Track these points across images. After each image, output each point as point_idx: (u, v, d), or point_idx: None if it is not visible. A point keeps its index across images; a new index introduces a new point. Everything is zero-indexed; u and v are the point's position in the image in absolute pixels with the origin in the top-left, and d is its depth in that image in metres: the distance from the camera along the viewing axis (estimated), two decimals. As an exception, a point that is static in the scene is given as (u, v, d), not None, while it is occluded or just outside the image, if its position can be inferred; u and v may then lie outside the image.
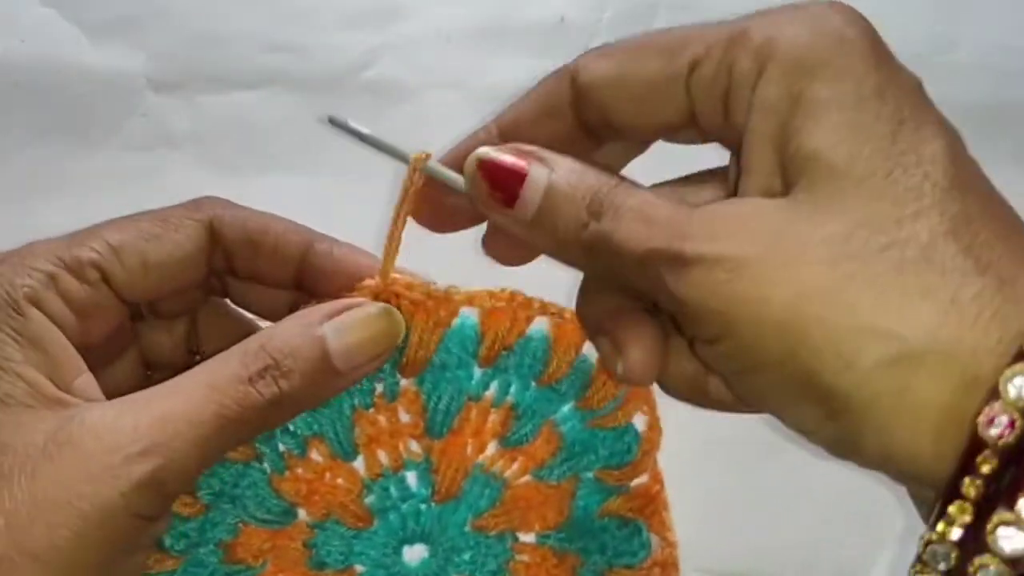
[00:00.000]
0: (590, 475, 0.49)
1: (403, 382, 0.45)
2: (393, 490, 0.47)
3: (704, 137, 0.38)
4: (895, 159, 0.32)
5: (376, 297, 0.42)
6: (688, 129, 0.37)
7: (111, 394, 0.39)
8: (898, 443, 0.30)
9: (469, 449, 0.47)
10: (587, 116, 0.38)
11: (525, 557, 0.49)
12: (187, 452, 0.37)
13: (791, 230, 0.32)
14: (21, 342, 0.38)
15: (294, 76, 0.72)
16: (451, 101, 0.73)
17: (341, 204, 0.72)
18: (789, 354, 0.31)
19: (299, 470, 0.46)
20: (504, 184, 0.37)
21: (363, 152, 0.75)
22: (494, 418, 0.47)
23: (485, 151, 0.38)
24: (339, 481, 0.46)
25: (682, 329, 0.36)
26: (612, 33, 0.74)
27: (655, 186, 0.38)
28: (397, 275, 0.42)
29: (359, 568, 0.48)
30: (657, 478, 0.50)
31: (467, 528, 0.48)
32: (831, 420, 0.31)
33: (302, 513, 0.46)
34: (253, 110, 0.70)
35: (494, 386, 0.46)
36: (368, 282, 0.42)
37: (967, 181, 0.33)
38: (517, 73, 0.74)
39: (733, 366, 0.34)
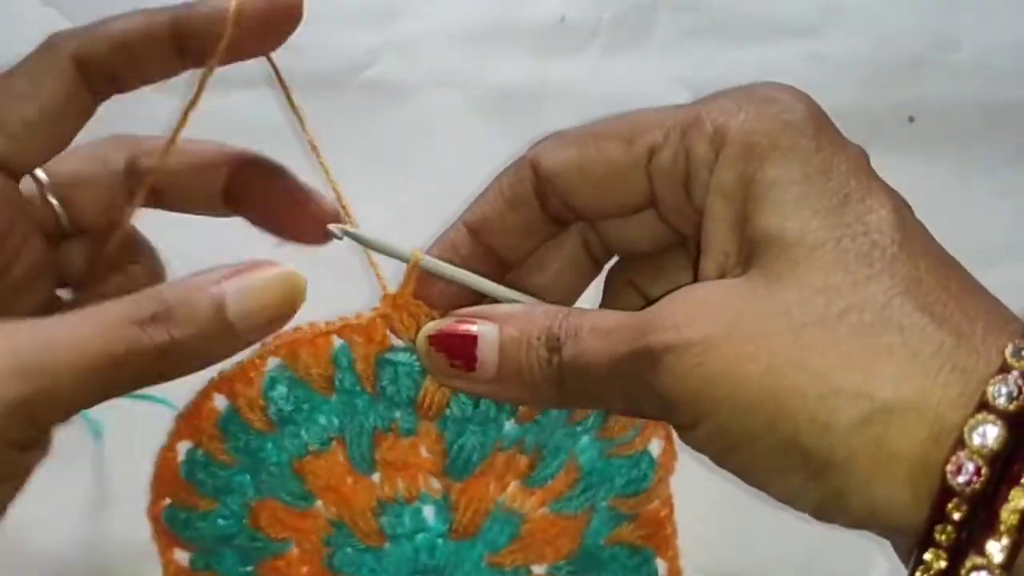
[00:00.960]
0: (605, 504, 0.49)
1: (420, 421, 0.44)
2: (407, 519, 0.47)
3: (664, 220, 0.40)
4: (842, 229, 0.34)
5: (397, 317, 0.42)
6: (648, 212, 0.40)
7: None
8: (879, 496, 0.32)
9: (491, 489, 0.46)
10: (549, 202, 0.40)
11: None
12: (64, 382, 0.35)
13: (750, 306, 0.33)
14: None
15: (294, 76, 0.72)
16: (451, 101, 0.73)
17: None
18: (768, 427, 0.33)
19: (320, 462, 0.45)
20: (459, 352, 0.38)
21: (362, 153, 0.75)
22: (521, 461, 0.46)
23: (431, 326, 0.40)
24: (358, 489, 0.46)
25: (667, 421, 0.37)
26: (612, 33, 0.74)
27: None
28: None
29: None
30: (667, 502, 0.50)
31: (483, 564, 0.48)
32: (815, 483, 0.33)
33: (320, 504, 0.46)
34: (253, 110, 0.70)
35: (527, 438, 0.45)
36: (391, 292, 0.42)
37: (915, 244, 0.34)
38: (517, 73, 0.75)
39: (716, 447, 0.35)
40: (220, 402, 0.45)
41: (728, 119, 0.36)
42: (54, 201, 0.43)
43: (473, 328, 0.38)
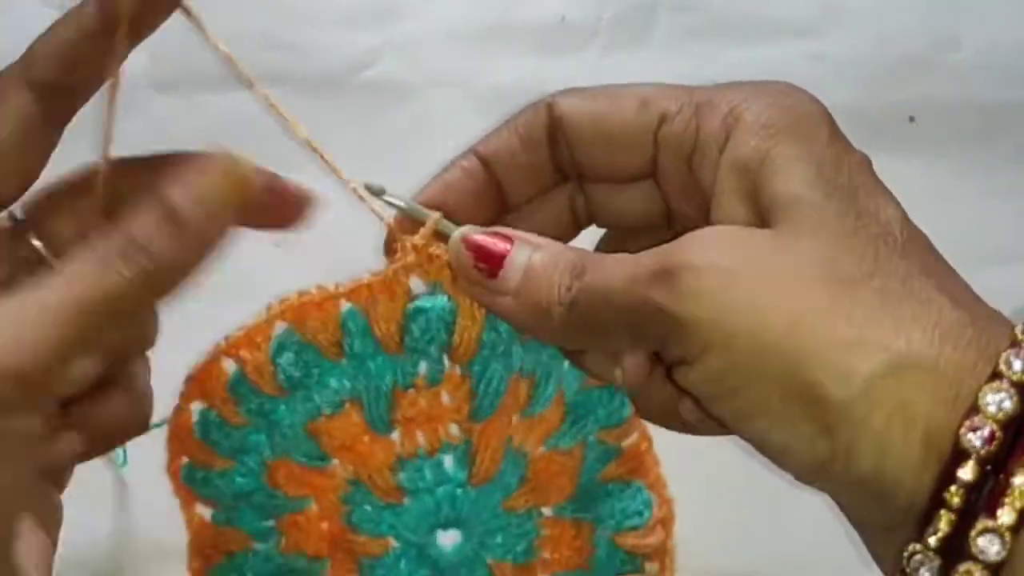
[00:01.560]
0: (593, 438, 0.48)
1: (448, 366, 0.44)
2: (428, 473, 0.46)
3: (661, 190, 0.40)
4: (860, 210, 0.35)
5: (419, 259, 0.42)
6: (647, 182, 0.40)
7: None
8: (890, 454, 0.32)
9: (503, 426, 0.46)
10: (558, 150, 0.40)
11: (548, 531, 0.49)
12: (41, 337, 0.34)
13: (781, 251, 0.34)
14: None
15: (294, 76, 0.72)
16: (452, 100, 0.73)
17: (340, 205, 0.72)
18: (785, 370, 0.32)
19: (335, 423, 0.45)
20: (487, 257, 0.39)
21: (362, 153, 0.75)
22: (522, 388, 0.46)
23: (469, 229, 0.40)
24: (375, 448, 0.46)
25: (666, 353, 0.36)
26: (612, 33, 0.74)
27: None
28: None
29: (392, 542, 0.47)
30: (645, 436, 0.49)
31: (499, 509, 0.48)
32: (824, 436, 0.32)
33: (336, 463, 0.46)
34: (250, 110, 0.70)
35: (528, 360, 0.45)
36: (413, 240, 0.42)
37: (920, 243, 0.35)
38: (518, 72, 0.75)
39: (719, 385, 0.34)
40: (229, 365, 0.45)
41: (744, 102, 0.37)
42: (37, 244, 0.42)
43: (508, 246, 0.39)
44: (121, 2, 0.39)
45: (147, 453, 0.59)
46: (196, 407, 0.45)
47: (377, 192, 0.44)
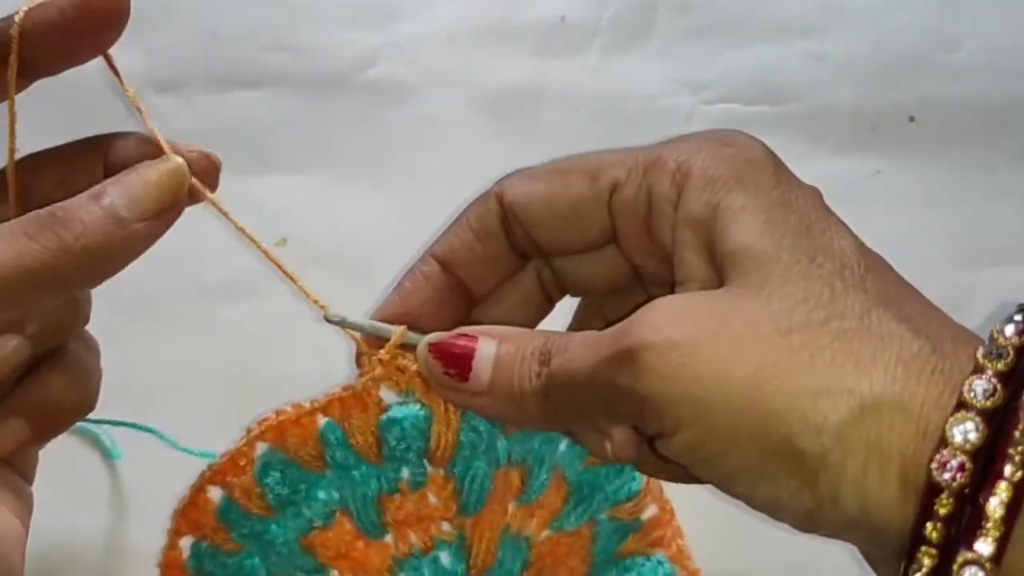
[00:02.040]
0: (604, 516, 0.49)
1: (430, 470, 0.45)
2: (427, 572, 0.47)
3: (624, 255, 0.41)
4: (812, 251, 0.35)
5: (384, 365, 0.43)
6: (609, 247, 0.41)
7: None
8: (871, 495, 0.32)
9: (497, 515, 0.47)
10: (514, 236, 0.41)
11: None
12: None
13: (735, 311, 0.34)
14: None
15: (294, 76, 0.72)
16: (451, 101, 0.73)
17: (341, 204, 0.72)
18: (759, 430, 0.33)
19: (329, 533, 0.46)
20: (455, 362, 0.39)
21: (363, 152, 0.75)
22: (513, 477, 0.46)
23: (433, 336, 0.41)
24: (370, 553, 0.46)
25: (643, 428, 0.37)
26: (612, 33, 0.74)
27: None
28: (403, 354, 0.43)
29: None
30: (666, 507, 0.50)
31: None
32: (807, 488, 0.33)
33: (335, 573, 0.46)
34: (253, 110, 0.70)
35: (515, 451, 0.46)
36: (379, 355, 0.43)
37: (878, 270, 0.36)
38: (518, 73, 0.75)
39: (699, 453, 0.35)
40: (215, 493, 0.45)
41: (690, 157, 0.38)
42: None
43: (473, 344, 0.39)
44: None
45: (144, 455, 0.60)
46: (186, 542, 0.46)
47: (337, 322, 0.43)
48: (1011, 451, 0.31)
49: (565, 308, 0.46)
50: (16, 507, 0.39)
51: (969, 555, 0.31)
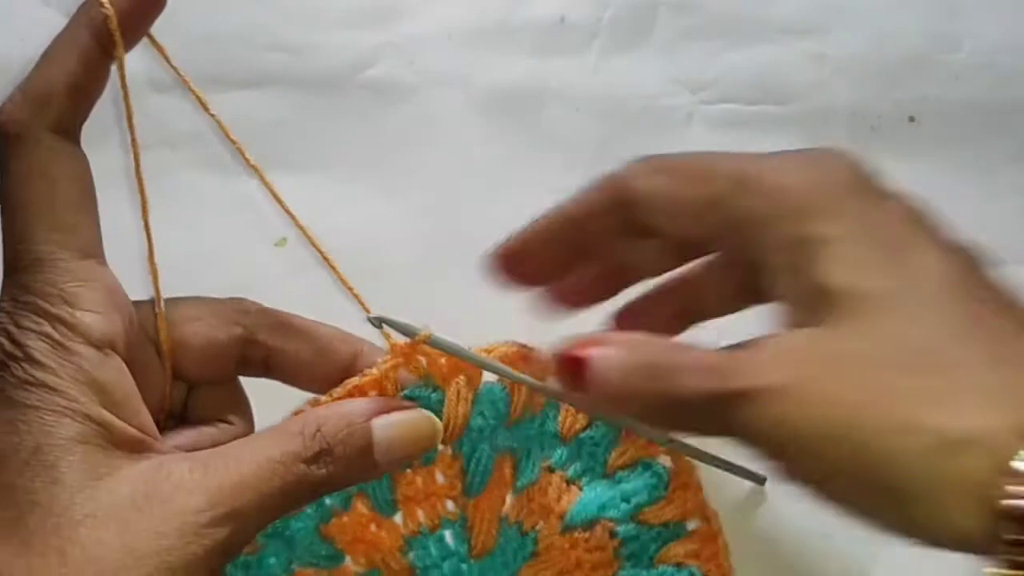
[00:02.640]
0: (630, 522, 0.50)
1: (440, 448, 0.48)
2: (433, 549, 0.49)
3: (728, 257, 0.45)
4: (897, 280, 0.37)
5: (407, 357, 0.46)
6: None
7: None
8: (956, 525, 0.34)
9: (495, 499, 0.49)
10: (631, 220, 0.44)
11: None
12: (255, 519, 0.40)
13: (830, 355, 0.37)
14: (81, 384, 0.39)
15: (294, 76, 0.72)
16: (451, 100, 0.73)
17: (341, 204, 0.72)
18: (855, 461, 0.35)
19: (344, 519, 0.48)
20: (573, 372, 0.41)
21: (363, 152, 0.75)
22: (507, 465, 0.49)
23: (553, 348, 0.43)
24: (382, 534, 0.49)
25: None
26: (612, 33, 0.74)
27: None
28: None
29: None
30: (713, 518, 0.51)
31: None
32: (899, 514, 0.35)
33: (348, 560, 0.49)
34: (253, 110, 0.70)
35: (511, 439, 0.49)
36: (401, 344, 0.46)
37: (966, 288, 0.38)
38: (518, 72, 0.75)
39: (800, 478, 0.38)
40: None
41: (781, 179, 0.40)
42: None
43: (588, 352, 0.41)
44: (111, 25, 0.42)
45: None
46: None
47: (377, 324, 0.47)
48: None
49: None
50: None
51: None
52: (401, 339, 0.46)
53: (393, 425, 0.43)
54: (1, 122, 0.41)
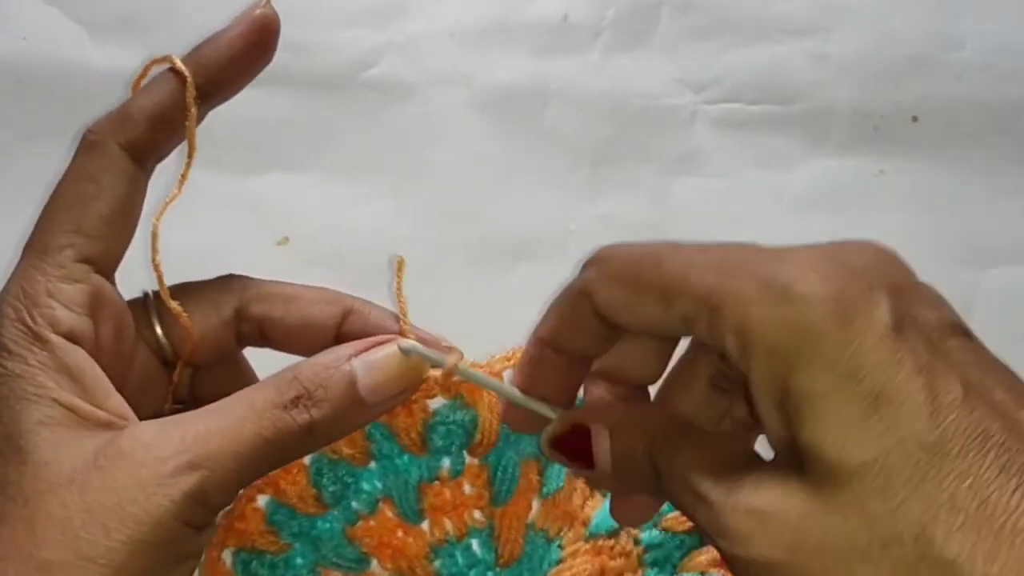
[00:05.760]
0: (651, 527, 0.50)
1: (468, 459, 0.48)
2: (459, 557, 0.49)
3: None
4: (876, 445, 0.33)
5: (443, 386, 0.46)
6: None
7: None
8: None
9: (521, 507, 0.49)
10: (607, 327, 0.41)
11: None
12: (228, 467, 0.39)
13: (803, 533, 0.34)
14: (50, 370, 0.40)
15: (295, 75, 0.72)
16: (454, 100, 0.73)
17: (343, 202, 0.72)
18: None
19: (371, 522, 0.48)
20: (578, 454, 0.40)
21: (365, 152, 0.75)
22: (532, 470, 0.49)
23: (549, 432, 0.42)
24: (409, 540, 0.49)
25: None
26: (615, 32, 0.74)
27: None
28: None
29: None
30: None
31: None
32: None
33: (375, 564, 0.49)
34: (253, 110, 0.70)
35: (535, 445, 0.47)
36: (433, 373, 0.45)
37: (951, 424, 0.32)
38: (520, 72, 0.75)
39: None
40: (261, 500, 0.48)
41: (747, 314, 0.35)
42: (159, 330, 0.46)
43: (587, 437, 0.40)
44: (188, 89, 0.43)
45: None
46: (227, 553, 0.48)
47: (407, 350, 0.45)
48: None
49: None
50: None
51: None
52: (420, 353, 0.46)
53: (375, 362, 0.42)
54: (87, 132, 0.43)
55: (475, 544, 0.49)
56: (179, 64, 0.43)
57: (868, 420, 0.33)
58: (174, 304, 0.45)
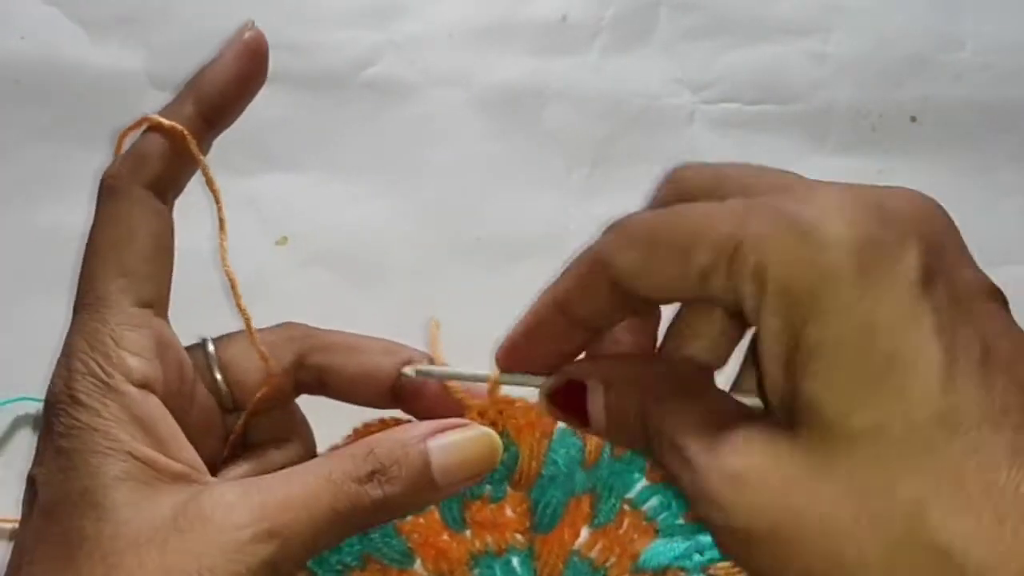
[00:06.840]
0: (697, 571, 0.50)
1: (509, 491, 0.48)
2: (499, 570, 0.49)
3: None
4: (882, 411, 0.31)
5: (482, 415, 0.45)
6: None
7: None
8: None
9: (567, 536, 0.49)
10: (621, 296, 0.40)
11: None
12: (303, 538, 0.39)
13: (791, 499, 0.32)
14: (123, 423, 0.40)
15: (295, 75, 0.72)
16: (453, 99, 0.73)
17: (342, 202, 0.72)
18: None
19: (420, 519, 0.48)
20: (575, 410, 0.41)
21: (364, 152, 0.75)
22: (585, 504, 0.49)
23: (546, 387, 0.42)
24: (453, 544, 0.49)
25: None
26: (614, 32, 0.74)
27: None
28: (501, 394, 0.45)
29: None
30: None
31: None
32: None
33: (419, 563, 0.49)
34: (253, 109, 0.70)
35: (589, 480, 0.48)
36: (475, 402, 0.45)
37: (960, 401, 0.30)
38: (519, 72, 0.75)
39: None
40: None
41: (766, 254, 0.33)
42: (219, 376, 0.46)
43: (584, 393, 0.40)
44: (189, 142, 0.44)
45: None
46: None
47: (420, 374, 0.46)
48: None
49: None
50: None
51: None
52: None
53: (450, 445, 0.42)
54: (104, 176, 0.44)
55: (515, 561, 0.50)
56: (167, 123, 0.43)
57: (877, 382, 0.30)
58: (262, 349, 0.45)
